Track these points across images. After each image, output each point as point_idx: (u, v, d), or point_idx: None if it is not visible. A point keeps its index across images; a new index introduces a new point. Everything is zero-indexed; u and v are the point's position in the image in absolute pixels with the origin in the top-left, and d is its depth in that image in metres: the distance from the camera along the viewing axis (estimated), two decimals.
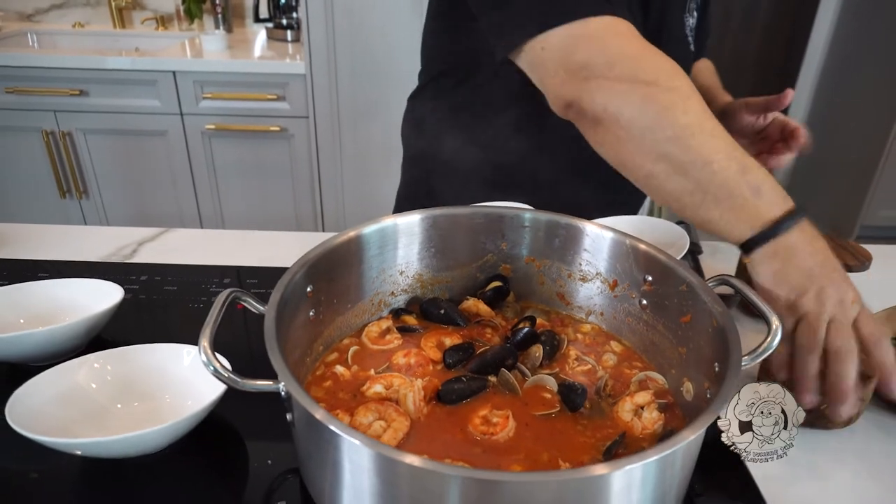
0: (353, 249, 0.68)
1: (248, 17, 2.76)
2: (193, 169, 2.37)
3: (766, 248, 0.63)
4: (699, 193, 0.64)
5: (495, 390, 0.65)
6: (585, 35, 0.69)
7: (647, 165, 0.66)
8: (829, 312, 0.61)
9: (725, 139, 0.64)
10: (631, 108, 0.65)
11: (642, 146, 0.65)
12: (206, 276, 0.90)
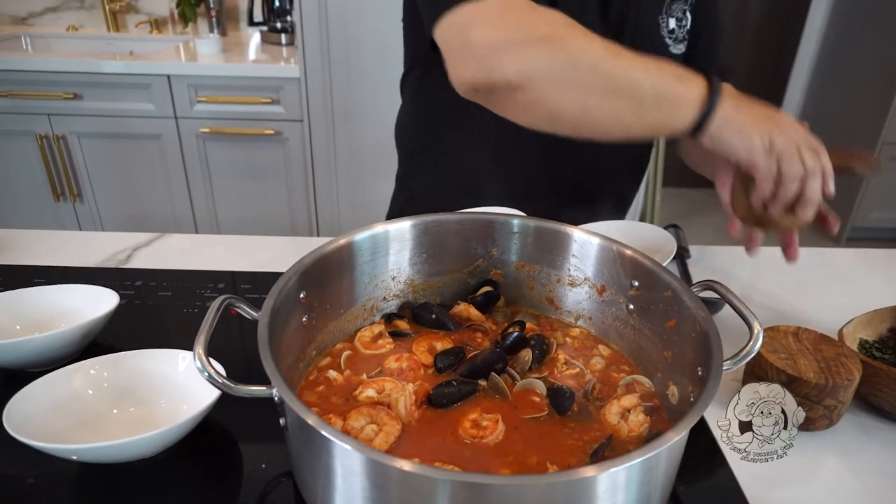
0: (345, 256, 0.69)
1: (242, 21, 2.76)
2: (188, 172, 2.37)
3: (717, 118, 0.68)
4: (636, 106, 0.68)
5: (485, 394, 0.66)
6: (483, 14, 0.71)
7: (579, 102, 0.69)
8: (796, 142, 0.69)
9: (631, 54, 0.69)
10: (543, 62, 0.68)
11: (567, 90, 0.69)
12: (200, 282, 0.91)
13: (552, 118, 0.71)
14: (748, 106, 0.70)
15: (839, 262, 1.11)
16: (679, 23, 0.99)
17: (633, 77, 0.68)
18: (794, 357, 0.68)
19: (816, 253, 1.13)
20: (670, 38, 0.99)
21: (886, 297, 0.95)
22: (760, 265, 1.06)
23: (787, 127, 0.70)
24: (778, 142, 0.69)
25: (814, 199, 0.71)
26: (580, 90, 0.68)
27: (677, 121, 0.69)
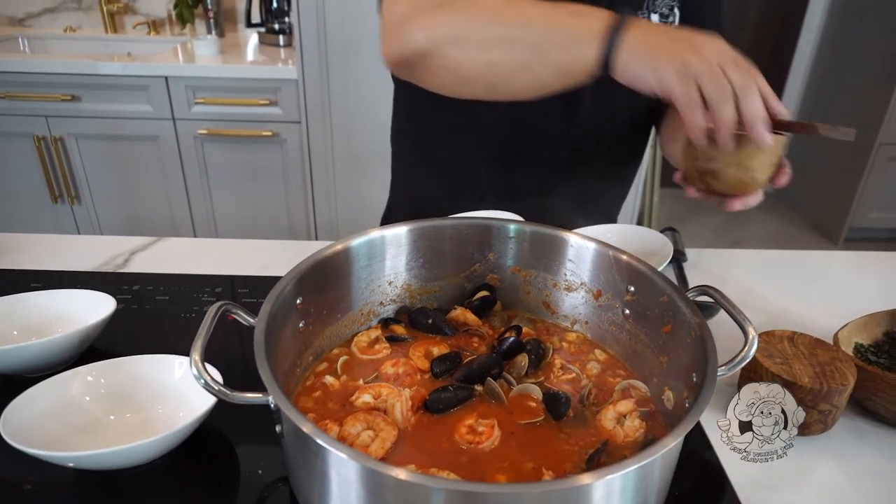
0: (341, 261, 0.70)
1: (239, 22, 2.76)
2: (186, 174, 2.37)
3: (623, 48, 0.64)
4: (537, 51, 0.67)
5: (481, 399, 0.66)
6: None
7: (482, 58, 0.70)
8: (716, 60, 0.62)
9: (530, 2, 0.69)
10: (444, 25, 0.71)
11: (469, 46, 0.70)
12: (198, 286, 0.91)
13: (464, 80, 0.73)
14: (661, 32, 0.66)
15: (835, 265, 1.11)
16: (664, 19, 0.96)
17: (529, 23, 0.67)
18: (789, 362, 0.68)
19: (812, 256, 1.14)
20: None
21: (882, 299, 0.95)
22: (756, 268, 1.07)
23: (706, 46, 0.63)
24: (693, 63, 0.62)
25: (755, 118, 0.62)
26: (481, 46, 0.70)
27: (582, 58, 0.66)
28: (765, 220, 3.59)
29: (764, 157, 0.68)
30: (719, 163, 0.69)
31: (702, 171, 0.71)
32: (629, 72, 0.65)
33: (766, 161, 0.68)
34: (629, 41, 0.64)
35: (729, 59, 0.63)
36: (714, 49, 0.63)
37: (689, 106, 0.63)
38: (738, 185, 0.70)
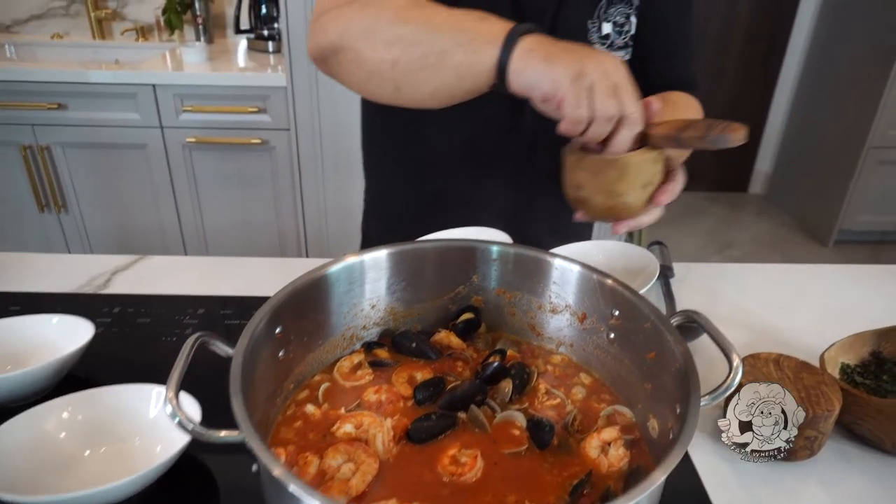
0: (320, 288, 0.69)
1: (228, 28, 2.75)
2: (174, 182, 2.36)
3: (519, 52, 0.64)
4: (439, 52, 0.68)
5: (465, 427, 0.66)
6: None
7: (386, 55, 0.70)
8: (614, 80, 0.62)
9: (442, 6, 0.70)
10: (353, 21, 0.72)
11: (375, 43, 0.71)
12: (180, 308, 0.90)
13: (371, 76, 0.73)
14: (560, 43, 0.65)
15: (823, 277, 1.11)
16: (619, 28, 0.92)
17: (432, 23, 0.68)
18: None
19: (799, 269, 1.13)
20: (603, 45, 0.93)
21: (869, 313, 0.95)
22: (744, 282, 1.07)
23: (606, 63, 0.62)
24: (590, 71, 0.61)
25: (618, 148, 0.64)
26: (385, 43, 0.70)
27: (481, 61, 0.66)
28: (756, 222, 3.59)
29: (630, 179, 0.66)
30: (585, 191, 0.68)
31: (574, 200, 0.70)
32: (524, 76, 0.64)
33: (634, 183, 0.66)
34: (526, 45, 0.64)
35: (625, 84, 0.63)
36: (615, 69, 0.63)
37: (576, 111, 0.62)
38: (611, 212, 0.69)
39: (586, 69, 0.61)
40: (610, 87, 0.62)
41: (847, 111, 3.14)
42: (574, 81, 0.61)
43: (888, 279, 1.10)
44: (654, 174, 0.67)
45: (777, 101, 3.64)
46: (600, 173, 0.66)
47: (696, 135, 0.62)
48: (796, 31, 3.46)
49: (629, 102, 0.62)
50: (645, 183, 0.67)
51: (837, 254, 3.29)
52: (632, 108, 0.62)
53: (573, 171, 0.69)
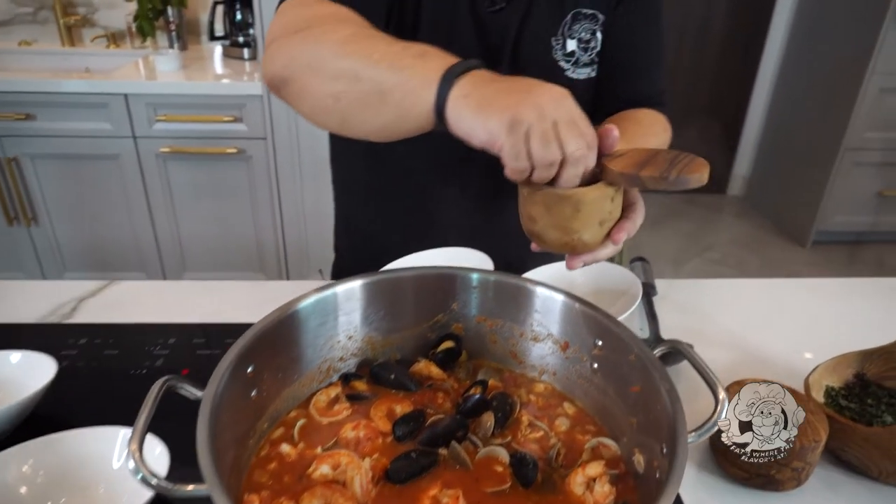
0: (292, 325, 0.66)
1: (203, 35, 2.70)
2: (149, 193, 2.30)
3: (454, 95, 0.60)
4: (379, 90, 0.64)
5: (446, 465, 0.63)
6: (280, 10, 0.76)
7: (330, 90, 0.68)
8: (552, 118, 0.58)
9: (382, 37, 0.68)
10: (297, 53, 0.70)
11: (319, 79, 0.68)
12: (150, 337, 0.87)
13: (315, 109, 0.71)
14: (499, 82, 0.61)
15: (802, 292, 1.11)
16: (584, 44, 0.91)
17: (373, 59, 0.65)
18: None
19: (778, 284, 1.13)
20: (567, 62, 0.91)
21: (850, 328, 0.95)
22: (724, 297, 1.06)
23: (545, 101, 0.58)
24: (526, 117, 0.57)
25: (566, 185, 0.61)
26: (329, 78, 0.68)
27: (418, 104, 0.62)
28: (735, 224, 3.62)
29: (585, 216, 0.63)
30: (539, 226, 0.65)
31: (529, 232, 0.68)
32: (460, 125, 0.60)
33: (589, 220, 0.64)
34: (461, 91, 0.60)
35: (566, 120, 0.58)
36: (553, 105, 0.58)
37: (515, 162, 0.59)
38: (566, 247, 0.66)
39: (521, 115, 0.57)
40: (548, 130, 0.57)
41: (823, 114, 3.17)
42: (509, 131, 0.57)
43: (868, 291, 1.10)
44: (611, 210, 0.65)
45: (754, 105, 3.67)
46: (554, 208, 0.63)
47: (654, 175, 0.59)
48: (772, 35, 3.49)
49: (570, 142, 0.58)
50: (601, 220, 0.65)
51: (815, 254, 3.33)
52: (573, 147, 0.58)
53: (526, 203, 0.66)
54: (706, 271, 3.10)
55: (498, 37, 0.88)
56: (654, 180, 0.59)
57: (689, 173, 0.58)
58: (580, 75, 0.93)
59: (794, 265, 3.23)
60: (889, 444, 0.64)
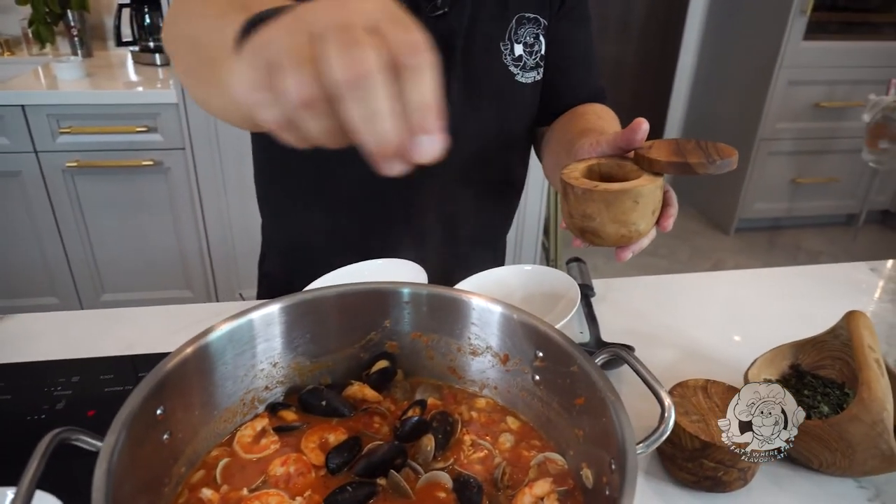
0: (205, 359, 0.59)
1: (109, 40, 2.54)
2: (56, 211, 2.14)
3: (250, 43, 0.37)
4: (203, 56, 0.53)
5: (385, 496, 0.59)
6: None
7: (182, 65, 0.62)
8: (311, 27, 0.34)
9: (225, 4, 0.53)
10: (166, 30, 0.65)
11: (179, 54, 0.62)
12: (49, 376, 0.78)
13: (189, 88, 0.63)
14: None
15: (734, 284, 1.12)
16: (529, 48, 0.92)
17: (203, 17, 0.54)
18: (706, 418, 0.65)
19: (711, 277, 1.14)
20: (516, 66, 0.92)
21: (784, 316, 0.97)
22: (661, 294, 1.06)
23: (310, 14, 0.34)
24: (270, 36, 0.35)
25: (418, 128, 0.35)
26: (180, 47, 0.61)
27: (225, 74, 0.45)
28: None
29: (642, 208, 0.65)
30: (598, 222, 0.65)
31: (581, 230, 0.67)
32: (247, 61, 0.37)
33: (645, 211, 0.65)
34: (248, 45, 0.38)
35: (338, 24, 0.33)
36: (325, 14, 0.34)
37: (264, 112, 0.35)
38: (623, 240, 0.67)
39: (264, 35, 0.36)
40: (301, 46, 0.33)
41: (738, 107, 3.31)
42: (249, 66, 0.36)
43: (795, 280, 1.12)
44: (660, 199, 0.67)
45: (675, 100, 3.79)
46: (613, 204, 0.64)
47: (702, 160, 0.62)
48: (687, 32, 3.61)
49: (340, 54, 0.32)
50: (654, 209, 0.66)
51: (738, 241, 3.47)
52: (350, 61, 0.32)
53: (581, 202, 0.65)
54: (639, 263, 3.17)
55: (445, 42, 0.87)
56: (702, 165, 0.62)
57: (727, 156, 0.63)
58: (528, 79, 0.94)
59: (720, 252, 3.35)
60: (828, 436, 0.64)
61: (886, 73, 3.01)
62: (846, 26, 3.12)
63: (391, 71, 0.33)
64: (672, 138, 0.70)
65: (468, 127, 0.91)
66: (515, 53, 0.92)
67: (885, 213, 3.64)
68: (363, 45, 0.32)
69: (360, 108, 0.33)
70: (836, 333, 0.76)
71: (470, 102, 0.90)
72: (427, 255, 0.90)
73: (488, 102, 0.92)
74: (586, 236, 0.68)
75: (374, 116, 0.33)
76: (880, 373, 0.63)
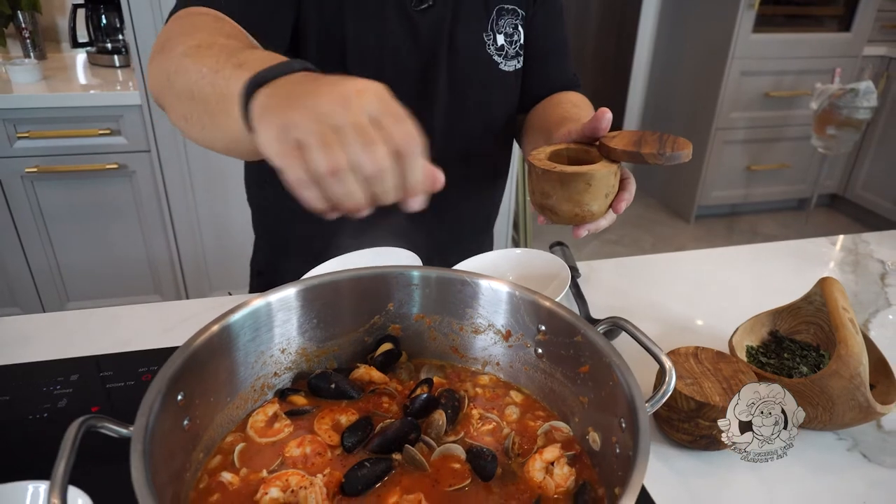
0: (222, 342, 0.61)
1: (64, 42, 2.47)
2: (16, 219, 2.07)
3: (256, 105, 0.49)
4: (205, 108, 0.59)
5: (402, 469, 0.61)
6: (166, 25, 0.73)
7: (179, 111, 0.66)
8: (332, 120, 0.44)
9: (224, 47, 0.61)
10: (153, 73, 0.68)
11: (171, 99, 0.66)
12: (48, 375, 0.77)
13: (180, 130, 0.69)
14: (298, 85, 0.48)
15: (710, 262, 1.18)
16: (509, 38, 0.97)
17: (201, 73, 0.59)
18: (699, 381, 0.69)
19: (689, 256, 1.20)
20: (499, 56, 0.96)
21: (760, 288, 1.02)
22: (642, 274, 1.10)
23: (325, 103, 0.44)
24: (296, 121, 0.44)
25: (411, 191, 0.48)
26: (175, 98, 0.65)
27: (232, 121, 0.53)
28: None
29: (595, 190, 0.71)
30: (553, 200, 0.72)
31: (541, 206, 0.74)
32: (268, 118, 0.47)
33: (597, 194, 0.71)
34: (261, 100, 0.49)
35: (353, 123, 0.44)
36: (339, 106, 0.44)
37: (295, 183, 0.45)
38: (577, 218, 0.74)
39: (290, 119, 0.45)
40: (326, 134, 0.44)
41: (694, 97, 3.42)
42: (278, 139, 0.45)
43: (763, 256, 1.19)
44: (614, 184, 0.73)
45: (633, 92, 3.89)
46: (568, 184, 0.70)
47: (654, 151, 0.67)
48: (643, 25, 3.71)
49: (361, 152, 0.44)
50: (607, 193, 0.72)
51: (699, 228, 3.58)
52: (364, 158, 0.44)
53: (541, 181, 0.72)
54: (603, 252, 3.25)
55: (431, 35, 0.89)
56: (653, 157, 0.67)
57: (679, 149, 0.68)
58: (510, 67, 0.98)
59: (681, 240, 3.46)
60: (810, 392, 0.68)
61: (830, 63, 3.16)
62: (792, 19, 3.26)
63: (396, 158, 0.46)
64: (640, 130, 0.78)
65: (455, 115, 0.94)
66: (498, 43, 0.95)
67: (834, 196, 3.82)
68: (377, 144, 0.45)
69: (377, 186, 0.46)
70: (811, 300, 0.81)
71: (456, 91, 0.93)
72: (417, 243, 0.92)
73: (474, 91, 0.95)
74: (545, 213, 0.75)
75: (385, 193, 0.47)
76: (855, 331, 0.68)
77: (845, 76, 3.14)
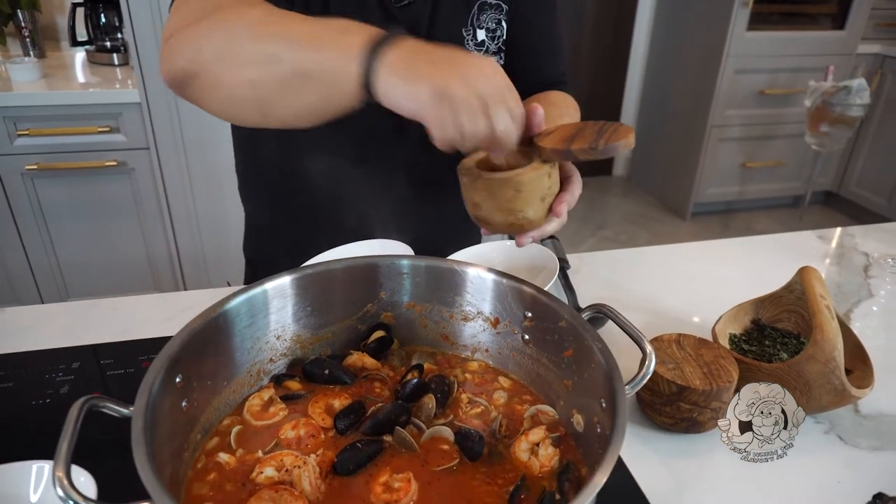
0: (220, 326, 0.63)
1: (63, 41, 2.48)
2: (16, 216, 2.09)
3: (383, 68, 0.58)
4: (298, 69, 0.62)
5: (393, 451, 0.63)
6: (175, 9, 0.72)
7: (244, 76, 0.64)
8: (480, 92, 0.57)
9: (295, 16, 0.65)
10: (204, 43, 0.66)
11: (231, 64, 0.65)
12: (49, 363, 0.79)
13: (231, 100, 0.68)
14: (427, 52, 0.59)
15: (697, 255, 1.20)
16: (491, 33, 0.95)
17: (290, 38, 0.62)
18: (680, 366, 0.71)
19: (679, 248, 1.22)
20: (479, 51, 0.95)
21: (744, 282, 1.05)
22: (631, 266, 1.13)
23: (474, 74, 0.57)
24: (454, 90, 0.56)
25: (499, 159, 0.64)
26: (242, 64, 0.64)
27: (344, 81, 0.60)
28: (622, 203, 3.85)
29: (526, 196, 0.65)
30: (484, 210, 0.67)
31: (476, 218, 0.69)
32: (389, 94, 0.59)
33: (531, 199, 0.65)
34: (389, 60, 0.58)
35: (495, 94, 0.58)
36: (483, 79, 0.57)
37: (443, 133, 0.58)
38: (513, 227, 0.68)
39: (450, 87, 0.56)
40: (477, 105, 0.57)
41: (690, 96, 3.44)
42: (437, 103, 0.56)
43: (750, 249, 1.21)
44: (550, 186, 0.67)
45: (629, 90, 3.91)
46: (496, 193, 0.65)
47: (584, 146, 0.61)
48: (638, 23, 3.73)
49: (500, 119, 0.58)
50: (542, 196, 0.66)
51: (695, 225, 3.61)
52: (502, 125, 0.58)
53: (469, 191, 0.67)
54: (602, 248, 3.27)
55: (410, 32, 0.89)
56: (584, 152, 0.61)
57: (615, 140, 0.61)
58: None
59: (677, 237, 3.49)
60: (788, 376, 0.71)
61: (824, 61, 3.18)
62: (786, 17, 3.29)
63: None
64: (581, 122, 0.70)
65: None
66: (478, 39, 0.94)
67: (828, 193, 3.85)
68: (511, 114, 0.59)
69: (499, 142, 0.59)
70: (791, 289, 0.84)
71: None
72: (410, 235, 0.95)
73: None
74: (481, 223, 0.69)
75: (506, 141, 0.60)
76: (830, 317, 0.71)
77: (839, 74, 3.17)
